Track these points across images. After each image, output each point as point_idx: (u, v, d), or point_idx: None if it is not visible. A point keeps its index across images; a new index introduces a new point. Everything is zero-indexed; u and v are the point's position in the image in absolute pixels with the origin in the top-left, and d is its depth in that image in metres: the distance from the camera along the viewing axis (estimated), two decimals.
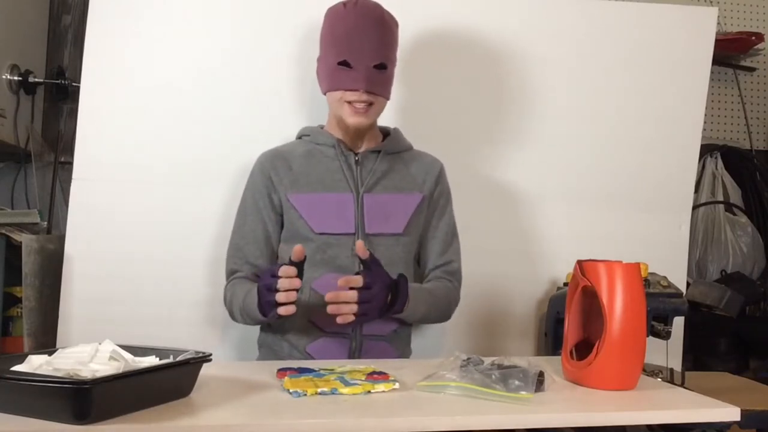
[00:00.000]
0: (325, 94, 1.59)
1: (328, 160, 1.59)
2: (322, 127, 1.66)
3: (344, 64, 1.50)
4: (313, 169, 1.59)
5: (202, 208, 1.78)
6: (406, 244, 1.59)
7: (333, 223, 1.54)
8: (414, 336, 1.68)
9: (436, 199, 1.65)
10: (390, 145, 1.64)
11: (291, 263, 1.35)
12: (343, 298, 1.37)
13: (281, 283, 1.32)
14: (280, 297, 1.32)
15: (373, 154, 1.61)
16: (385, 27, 1.53)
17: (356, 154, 1.60)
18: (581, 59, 1.95)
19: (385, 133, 1.68)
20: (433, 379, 1.14)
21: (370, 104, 1.53)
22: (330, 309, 1.37)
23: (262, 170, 1.60)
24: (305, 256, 1.37)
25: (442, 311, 1.62)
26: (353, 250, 1.48)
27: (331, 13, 1.56)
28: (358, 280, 1.37)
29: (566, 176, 1.95)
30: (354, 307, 1.36)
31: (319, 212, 1.55)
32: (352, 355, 1.52)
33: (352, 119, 1.53)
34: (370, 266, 1.41)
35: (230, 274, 1.59)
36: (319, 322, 1.51)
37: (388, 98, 1.58)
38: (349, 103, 1.52)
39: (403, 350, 1.61)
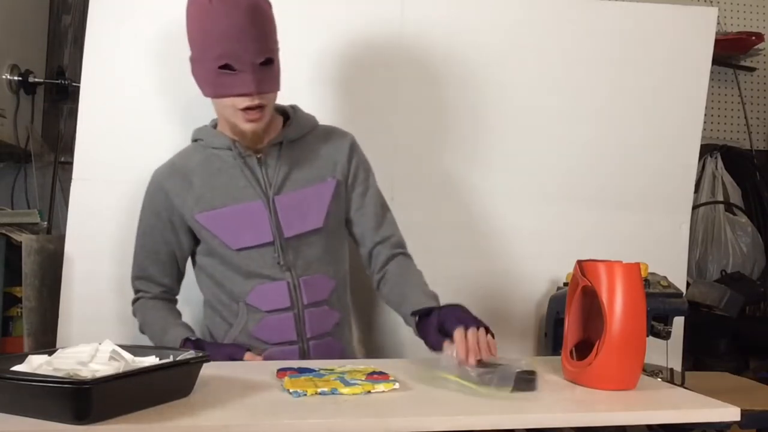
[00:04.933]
0: (208, 98, 1.46)
1: (228, 166, 1.49)
2: (215, 125, 1.55)
3: (226, 67, 1.36)
4: (214, 180, 1.49)
5: None
6: (330, 234, 1.53)
7: (249, 236, 1.47)
8: (413, 335, 1.67)
9: (353, 176, 1.56)
10: (292, 131, 1.52)
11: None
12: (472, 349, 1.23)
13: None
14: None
15: (275, 148, 1.50)
16: (260, 15, 1.37)
17: (257, 153, 1.50)
18: (580, 59, 1.95)
19: (284, 113, 1.56)
20: (422, 366, 1.15)
21: (264, 103, 1.41)
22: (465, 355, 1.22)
23: (160, 190, 1.52)
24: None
25: None
26: (275, 258, 1.47)
27: (197, 8, 1.37)
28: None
29: (566, 176, 1.95)
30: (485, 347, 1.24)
31: (231, 228, 1.47)
32: (303, 357, 1.49)
33: (248, 126, 1.42)
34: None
35: (136, 291, 1.59)
36: (262, 335, 1.49)
37: (278, 89, 1.45)
38: (241, 108, 1.40)
39: (346, 343, 1.58)
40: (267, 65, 1.39)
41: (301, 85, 1.82)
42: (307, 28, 1.82)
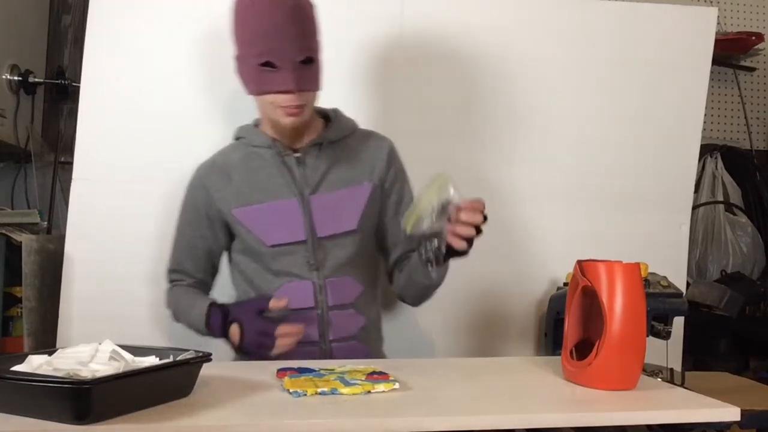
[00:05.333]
0: (251, 95, 1.49)
1: (267, 164, 1.52)
2: (257, 124, 1.58)
3: (268, 65, 1.39)
4: (253, 177, 1.51)
5: None
6: (363, 238, 1.54)
7: (283, 234, 1.48)
8: (412, 335, 1.68)
9: (390, 182, 1.57)
10: (332, 133, 1.54)
11: (267, 308, 1.39)
12: (476, 220, 1.30)
13: (285, 342, 1.37)
14: (282, 344, 1.37)
15: (314, 148, 1.52)
16: (302, 15, 1.41)
17: (296, 152, 1.52)
18: (581, 59, 1.95)
19: (325, 116, 1.58)
20: None
21: (304, 102, 1.44)
22: (455, 228, 1.29)
23: (201, 186, 1.55)
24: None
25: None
26: (306, 257, 1.48)
27: (241, 6, 1.42)
28: (483, 203, 1.32)
29: (566, 176, 1.95)
30: (472, 231, 1.30)
31: (266, 224, 1.49)
32: (323, 358, 1.48)
33: (288, 120, 1.44)
34: None
35: (170, 281, 1.60)
36: None
37: (319, 90, 1.47)
38: (281, 105, 1.43)
39: (373, 347, 1.57)
40: (307, 64, 1.41)
41: None
42: None
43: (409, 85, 1.86)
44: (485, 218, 1.32)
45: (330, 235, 1.50)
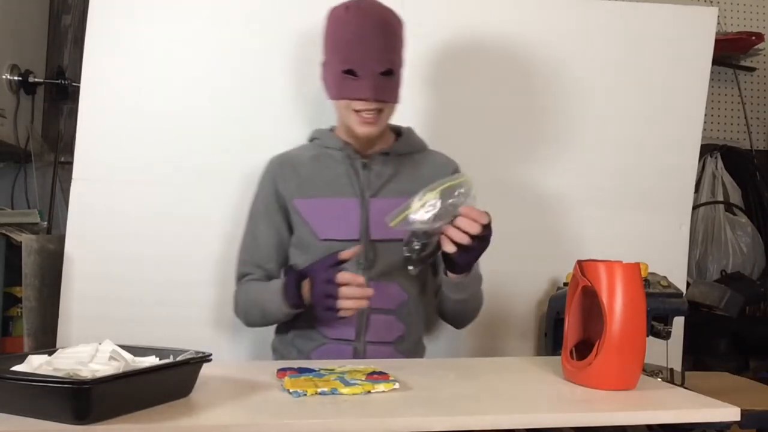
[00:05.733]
0: (331, 100, 1.55)
1: (335, 164, 1.57)
2: (332, 129, 1.64)
3: (350, 72, 1.46)
4: (319, 173, 1.57)
5: (202, 208, 1.79)
6: None
7: (337, 229, 1.52)
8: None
9: None
10: (401, 146, 1.61)
11: (339, 261, 1.38)
12: (473, 229, 1.31)
13: (348, 292, 1.35)
14: (347, 305, 1.35)
15: (381, 156, 1.58)
16: (389, 30, 1.49)
17: (364, 158, 1.57)
18: (580, 59, 1.95)
19: (398, 132, 1.65)
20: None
21: (379, 111, 1.49)
22: (447, 230, 1.31)
23: (271, 175, 1.60)
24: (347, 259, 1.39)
25: (478, 303, 1.59)
26: (358, 257, 1.48)
27: (333, 17, 1.51)
28: (487, 217, 1.33)
29: (566, 176, 1.95)
30: (466, 238, 1.31)
31: (323, 218, 1.53)
32: (356, 357, 1.49)
33: (362, 129, 1.50)
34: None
35: (241, 276, 1.60)
36: (323, 328, 1.50)
37: (397, 102, 1.53)
38: (357, 111, 1.48)
39: (411, 357, 1.57)
40: (387, 75, 1.47)
41: (300, 86, 1.83)
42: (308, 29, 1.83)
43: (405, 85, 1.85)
44: (488, 229, 1.33)
45: (383, 239, 1.52)
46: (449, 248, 1.33)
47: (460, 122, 1.90)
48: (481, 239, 1.34)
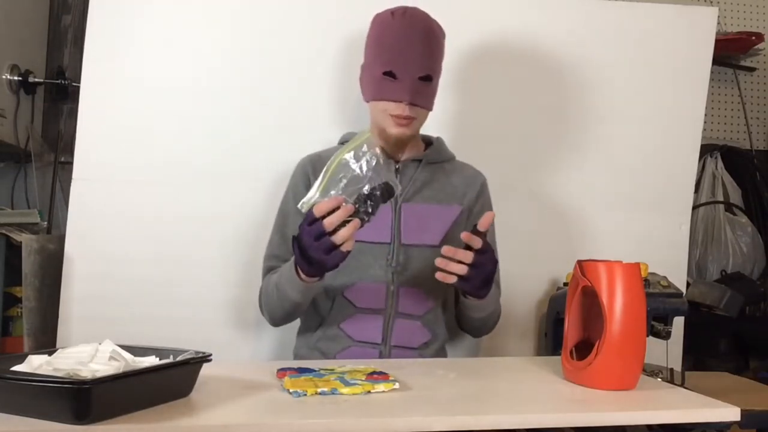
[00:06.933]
0: (367, 101, 1.56)
1: None
2: None
3: (389, 74, 1.47)
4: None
5: (202, 208, 1.79)
6: None
7: (368, 231, 1.47)
8: None
9: (476, 213, 1.61)
10: (432, 154, 1.62)
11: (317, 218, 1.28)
12: (459, 256, 1.30)
13: (333, 219, 1.24)
14: (341, 234, 1.24)
15: (413, 163, 1.59)
16: (432, 38, 1.51)
17: (397, 162, 1.58)
18: (580, 59, 1.95)
19: (428, 142, 1.66)
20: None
21: (413, 116, 1.50)
22: (438, 262, 1.31)
23: (302, 173, 1.60)
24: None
25: (496, 316, 1.59)
26: (388, 260, 1.49)
27: (379, 21, 1.53)
28: (479, 242, 1.30)
29: (566, 176, 1.95)
30: (463, 268, 1.30)
31: None
32: None
33: (395, 130, 1.50)
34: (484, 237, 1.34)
35: (267, 271, 1.58)
36: (349, 330, 1.50)
37: (431, 109, 1.55)
38: (392, 114, 1.49)
39: None
40: (425, 81, 1.49)
41: (300, 85, 1.83)
42: (309, 29, 1.83)
43: None
44: (483, 254, 1.31)
45: (413, 244, 1.52)
46: (448, 280, 1.32)
47: (460, 123, 1.90)
48: (479, 265, 1.32)
